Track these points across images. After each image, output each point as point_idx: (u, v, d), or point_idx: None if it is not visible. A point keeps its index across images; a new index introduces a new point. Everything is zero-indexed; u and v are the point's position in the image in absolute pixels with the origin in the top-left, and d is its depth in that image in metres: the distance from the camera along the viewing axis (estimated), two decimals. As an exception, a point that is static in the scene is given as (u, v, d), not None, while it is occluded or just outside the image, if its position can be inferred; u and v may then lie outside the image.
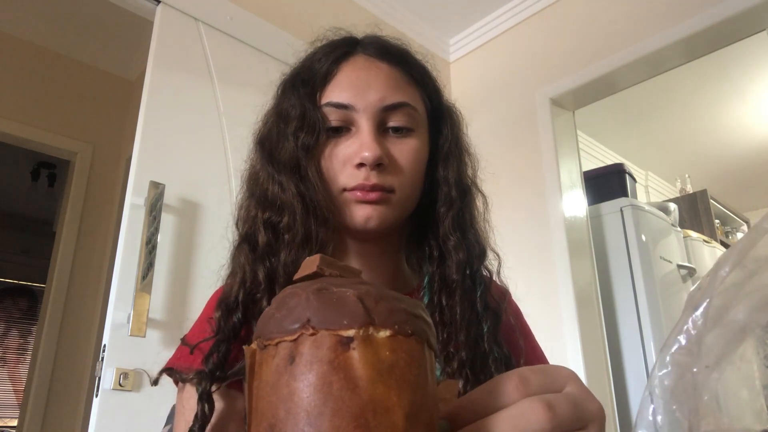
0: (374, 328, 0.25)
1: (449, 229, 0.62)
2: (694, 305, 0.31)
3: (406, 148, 0.61)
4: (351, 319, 0.25)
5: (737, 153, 3.92)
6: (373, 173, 0.58)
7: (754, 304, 0.30)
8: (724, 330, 0.31)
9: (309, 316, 0.25)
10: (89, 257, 2.75)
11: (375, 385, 0.23)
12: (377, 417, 0.23)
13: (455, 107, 0.71)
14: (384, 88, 0.61)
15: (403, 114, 0.61)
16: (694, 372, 0.30)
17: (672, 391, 0.30)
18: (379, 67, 0.63)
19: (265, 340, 0.26)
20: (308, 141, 0.60)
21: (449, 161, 0.65)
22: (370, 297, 0.26)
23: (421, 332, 0.26)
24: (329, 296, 0.26)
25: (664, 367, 0.31)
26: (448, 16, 2.57)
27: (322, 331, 0.24)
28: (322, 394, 0.23)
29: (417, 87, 0.65)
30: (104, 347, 1.27)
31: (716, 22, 1.84)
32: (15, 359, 4.98)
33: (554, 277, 2.05)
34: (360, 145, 0.59)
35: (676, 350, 0.31)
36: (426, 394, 0.25)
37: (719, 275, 0.32)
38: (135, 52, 2.78)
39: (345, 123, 0.61)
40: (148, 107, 1.48)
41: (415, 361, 0.25)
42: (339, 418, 0.23)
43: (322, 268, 0.29)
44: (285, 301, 0.27)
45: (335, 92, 0.61)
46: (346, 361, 0.24)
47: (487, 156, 0.77)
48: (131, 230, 1.36)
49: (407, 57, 0.67)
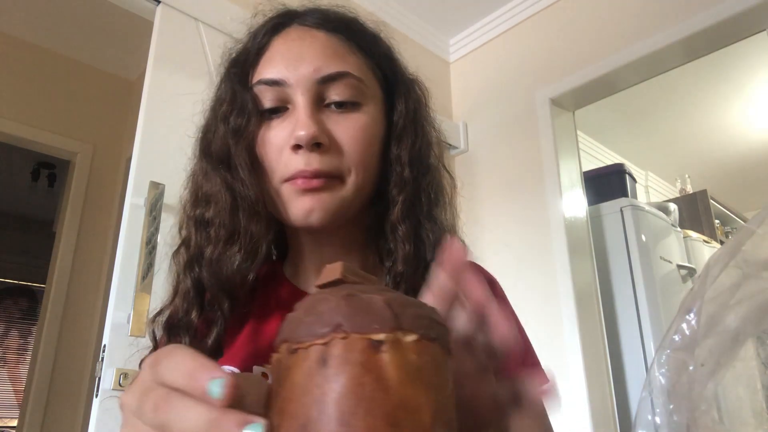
0: (402, 332, 0.26)
1: (398, 216, 0.54)
2: (688, 307, 0.32)
3: (351, 125, 0.53)
4: (381, 323, 0.26)
5: (737, 153, 3.91)
6: (313, 156, 0.51)
7: (747, 312, 0.30)
8: (720, 336, 0.31)
9: (340, 320, 0.26)
10: (89, 257, 2.75)
11: (405, 386, 0.25)
12: (408, 416, 0.24)
13: (418, 80, 0.63)
14: (319, 57, 0.53)
15: (345, 86, 0.53)
16: (691, 371, 0.30)
17: (670, 391, 0.30)
18: (314, 36, 0.55)
19: (294, 344, 0.27)
20: (238, 124, 0.53)
21: (403, 138, 0.57)
22: (396, 303, 0.27)
23: (443, 337, 0.28)
24: (359, 302, 0.27)
25: (661, 367, 0.31)
26: (448, 16, 2.57)
27: (353, 335, 0.26)
28: (354, 395, 0.24)
29: (363, 56, 0.57)
30: (104, 347, 1.27)
31: (716, 22, 1.84)
32: (15, 359, 4.98)
33: (554, 277, 2.05)
34: (294, 124, 0.51)
35: (673, 350, 0.31)
36: (447, 395, 0.27)
37: (710, 277, 0.32)
38: (135, 52, 2.78)
39: (280, 102, 0.53)
40: (148, 107, 1.48)
41: (439, 365, 0.27)
42: (372, 417, 0.24)
43: (345, 275, 0.30)
44: (314, 306, 0.28)
45: (267, 68, 0.54)
46: (377, 364, 0.25)
47: (487, 156, 0.76)
48: (131, 230, 1.36)
49: (350, 24, 0.59)
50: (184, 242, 0.56)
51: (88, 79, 2.92)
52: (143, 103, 1.48)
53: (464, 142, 2.52)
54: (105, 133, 2.92)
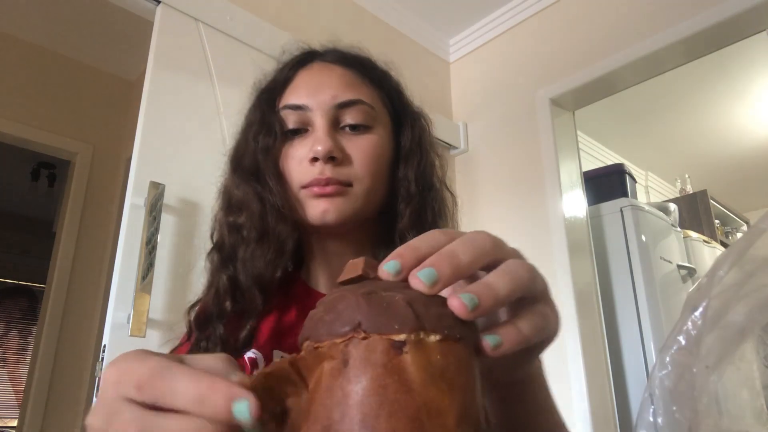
0: (425, 333, 0.25)
1: (406, 226, 0.62)
2: (693, 306, 0.31)
3: (363, 143, 0.62)
4: (402, 323, 0.25)
5: (737, 153, 3.91)
6: (327, 167, 0.59)
7: (753, 305, 0.30)
8: (724, 331, 0.31)
9: (360, 319, 0.25)
10: (89, 257, 2.75)
11: (428, 388, 0.24)
12: (431, 419, 0.24)
13: (423, 114, 0.72)
14: (336, 87, 0.62)
15: (358, 111, 0.62)
16: (694, 372, 0.30)
17: (672, 391, 0.30)
18: (333, 69, 0.65)
19: (315, 342, 0.27)
20: (266, 143, 0.62)
21: (410, 159, 0.66)
22: (419, 302, 0.26)
23: (469, 337, 0.27)
24: (379, 300, 0.26)
25: (664, 368, 0.31)
26: (448, 16, 2.57)
27: (374, 335, 0.25)
28: (377, 397, 0.24)
29: (375, 88, 0.66)
30: (104, 347, 1.27)
31: (716, 22, 1.84)
32: (15, 359, 4.98)
33: (554, 278, 2.05)
34: (313, 141, 0.60)
35: (676, 351, 0.31)
36: (474, 397, 0.26)
37: (717, 276, 0.32)
38: (135, 52, 2.78)
39: (302, 124, 0.62)
40: (148, 107, 1.48)
41: (464, 365, 0.26)
42: (395, 419, 0.23)
43: (366, 271, 0.30)
44: (334, 304, 0.27)
45: (291, 95, 0.64)
46: (400, 365, 0.24)
47: (487, 156, 0.77)
48: (131, 230, 1.36)
49: (364, 61, 0.68)
50: (216, 245, 0.64)
51: (88, 79, 2.92)
52: (143, 103, 1.48)
53: (464, 142, 2.52)
54: (105, 133, 2.91)
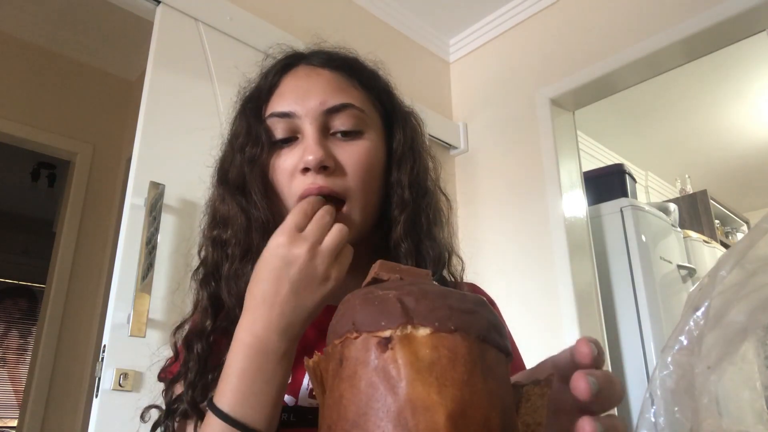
0: (413, 326, 0.25)
1: (401, 234, 0.60)
2: (695, 306, 0.31)
3: (355, 150, 0.59)
4: (388, 319, 0.25)
5: (737, 153, 3.91)
6: (319, 177, 0.56)
7: (755, 305, 0.30)
8: (725, 331, 0.31)
9: (354, 320, 0.26)
10: (89, 257, 2.75)
11: (413, 384, 0.23)
12: (416, 416, 0.23)
13: (414, 113, 0.69)
14: (324, 92, 0.59)
15: (348, 116, 0.59)
16: (696, 373, 0.30)
17: (673, 392, 0.30)
18: (320, 73, 0.62)
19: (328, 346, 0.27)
20: (253, 154, 0.59)
21: (403, 163, 0.63)
22: (411, 296, 0.26)
23: (469, 327, 0.26)
24: (372, 299, 0.26)
25: (666, 368, 0.31)
26: (448, 16, 2.57)
27: (364, 333, 0.25)
28: (365, 396, 0.24)
29: (364, 90, 0.63)
30: (104, 347, 1.27)
31: (716, 22, 1.83)
32: (15, 359, 4.98)
33: (554, 278, 2.05)
34: (303, 150, 0.57)
35: (678, 351, 0.31)
36: (478, 391, 0.24)
37: (719, 276, 0.32)
38: (135, 52, 2.78)
39: (290, 133, 0.59)
40: (148, 107, 1.48)
41: (460, 357, 0.24)
42: (379, 419, 0.23)
43: (380, 273, 0.30)
44: (339, 308, 0.28)
45: (278, 103, 0.61)
46: (386, 362, 0.24)
47: (487, 156, 0.77)
48: (131, 230, 1.36)
49: (352, 63, 0.65)
50: (202, 262, 0.61)
51: (88, 79, 2.92)
52: (143, 103, 1.48)
53: (464, 142, 2.52)
54: (105, 133, 2.91)
